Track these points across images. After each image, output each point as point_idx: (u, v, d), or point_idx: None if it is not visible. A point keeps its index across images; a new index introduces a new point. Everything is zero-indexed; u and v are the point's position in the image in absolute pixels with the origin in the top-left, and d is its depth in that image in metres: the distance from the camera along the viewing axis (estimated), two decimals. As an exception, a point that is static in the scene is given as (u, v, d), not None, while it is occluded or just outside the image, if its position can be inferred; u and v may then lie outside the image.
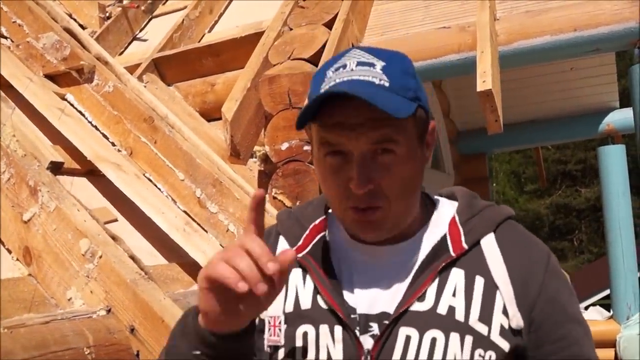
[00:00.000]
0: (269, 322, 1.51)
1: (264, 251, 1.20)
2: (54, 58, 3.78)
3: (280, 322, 1.49)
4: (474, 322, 1.38)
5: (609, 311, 7.19)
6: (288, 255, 1.22)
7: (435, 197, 1.63)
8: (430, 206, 1.59)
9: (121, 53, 5.65)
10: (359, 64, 1.36)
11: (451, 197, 1.63)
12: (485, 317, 1.39)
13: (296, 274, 1.54)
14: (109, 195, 3.39)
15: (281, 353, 1.47)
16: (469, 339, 1.37)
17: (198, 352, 1.32)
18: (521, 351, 1.42)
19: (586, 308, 8.57)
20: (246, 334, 1.34)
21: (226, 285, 1.18)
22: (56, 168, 3.04)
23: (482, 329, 1.38)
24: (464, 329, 1.38)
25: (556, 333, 1.43)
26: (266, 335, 1.50)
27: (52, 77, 3.82)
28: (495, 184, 36.91)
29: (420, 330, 1.38)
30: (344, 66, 1.37)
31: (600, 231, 33.35)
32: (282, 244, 1.62)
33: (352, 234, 1.51)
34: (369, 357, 1.39)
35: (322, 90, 1.34)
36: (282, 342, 1.47)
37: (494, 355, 1.37)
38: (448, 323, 1.38)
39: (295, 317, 1.48)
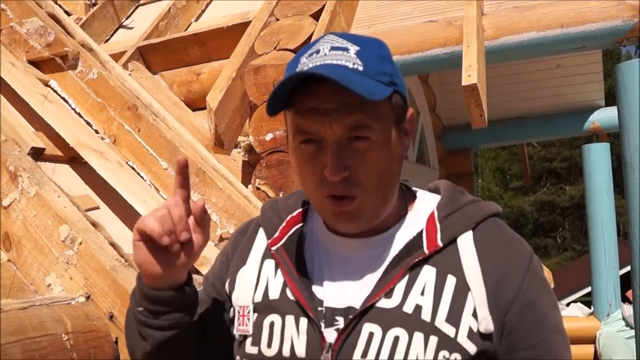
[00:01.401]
0: (239, 312, 1.52)
1: (180, 215, 1.39)
2: (37, 44, 3.75)
3: (249, 312, 1.50)
4: (441, 322, 1.34)
5: (590, 308, 7.24)
6: (198, 205, 1.42)
7: (418, 190, 1.59)
8: (409, 199, 1.55)
9: (107, 40, 5.62)
10: (333, 48, 1.34)
11: (436, 191, 1.59)
12: (453, 318, 1.35)
13: (269, 265, 1.54)
14: (91, 182, 3.38)
15: (249, 341, 1.47)
16: (433, 340, 1.33)
17: (141, 309, 1.48)
18: (491, 356, 1.37)
19: (567, 305, 8.62)
20: (184, 289, 1.47)
21: (153, 237, 1.35)
22: (37, 154, 3.02)
23: (448, 330, 1.34)
24: (429, 329, 1.34)
25: (530, 340, 1.38)
26: (235, 325, 1.52)
27: (35, 63, 3.79)
28: (481, 180, 37.09)
29: (384, 327, 1.35)
30: (317, 51, 1.34)
31: (583, 229, 33.50)
32: (261, 236, 1.61)
33: (330, 225, 1.49)
34: (330, 351, 1.37)
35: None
36: (250, 331, 1.48)
37: (459, 358, 1.33)
38: (413, 322, 1.35)
39: (263, 307, 1.48)
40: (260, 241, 1.60)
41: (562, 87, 7.85)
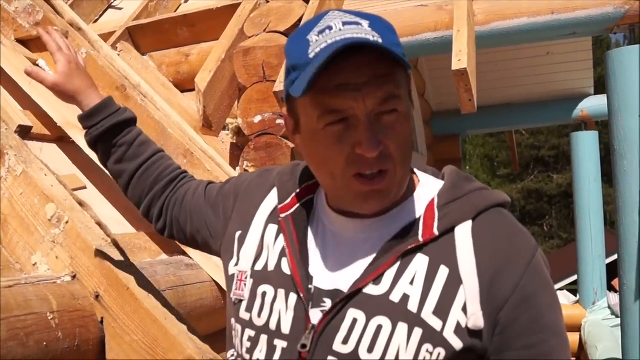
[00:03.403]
0: (237, 277, 1.53)
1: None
2: (26, 22, 3.73)
3: (246, 278, 1.50)
4: (428, 314, 1.30)
5: (576, 296, 7.28)
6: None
7: (421, 174, 1.55)
8: (412, 182, 1.50)
9: (96, 21, 5.58)
10: (345, 23, 1.29)
11: (440, 176, 1.54)
12: (442, 311, 1.31)
13: (271, 231, 1.53)
14: (79, 162, 3.36)
15: (244, 306, 1.48)
16: (417, 332, 1.29)
17: (86, 130, 2.02)
18: (481, 353, 1.31)
19: (553, 292, 8.66)
20: (91, 116, 1.98)
21: None
22: (25, 132, 3.00)
23: (435, 323, 1.30)
24: (415, 320, 1.30)
25: (522, 340, 1.31)
26: (233, 289, 1.52)
27: (23, 42, 3.77)
28: (469, 167, 37.16)
29: (368, 314, 1.32)
30: (330, 28, 1.30)
31: (570, 217, 33.68)
32: (272, 197, 1.59)
33: (352, 207, 1.42)
34: (312, 332, 1.35)
35: (312, 54, 1.28)
36: (246, 296, 1.48)
37: (443, 353, 1.29)
38: (398, 312, 1.31)
39: (259, 276, 1.48)
40: (270, 202, 1.59)
41: (551, 74, 7.85)
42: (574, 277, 13.70)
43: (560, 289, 10.63)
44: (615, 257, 3.68)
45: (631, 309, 3.43)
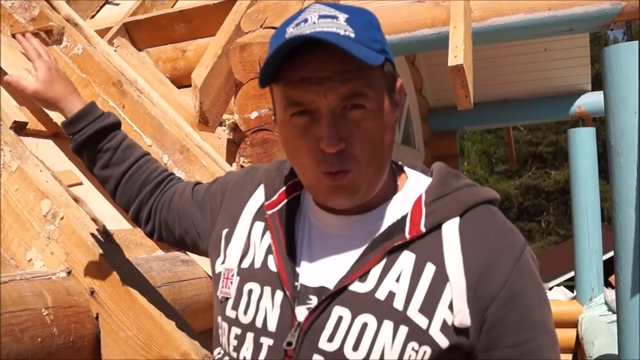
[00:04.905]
0: (223, 274, 1.52)
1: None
2: (22, 18, 3.72)
3: (232, 275, 1.49)
4: (413, 312, 1.30)
5: (573, 292, 7.29)
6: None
7: (410, 170, 1.54)
8: (399, 179, 1.50)
9: (93, 16, 5.58)
10: (321, 17, 1.28)
11: (429, 173, 1.53)
12: (428, 308, 1.30)
13: (257, 228, 1.52)
14: (75, 158, 3.33)
15: (230, 304, 1.47)
16: (403, 330, 1.29)
17: (70, 137, 2.00)
18: (469, 351, 1.31)
19: (550, 289, 8.68)
20: (74, 123, 1.97)
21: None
22: (20, 128, 3.00)
23: (421, 321, 1.29)
24: (400, 318, 1.30)
25: (510, 338, 1.31)
26: (219, 287, 1.51)
27: (20, 38, 3.76)
28: (467, 163, 37.19)
29: (354, 312, 1.32)
30: (305, 20, 1.29)
31: (568, 214, 33.69)
32: (259, 194, 1.59)
33: (322, 202, 1.42)
34: (298, 330, 1.34)
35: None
36: (232, 294, 1.47)
37: (429, 351, 1.28)
38: (384, 309, 1.31)
39: (246, 273, 1.47)
40: (257, 199, 1.58)
41: (548, 70, 7.86)
42: (571, 274, 13.72)
43: (558, 285, 10.65)
44: (612, 253, 3.68)
45: (627, 305, 3.44)
